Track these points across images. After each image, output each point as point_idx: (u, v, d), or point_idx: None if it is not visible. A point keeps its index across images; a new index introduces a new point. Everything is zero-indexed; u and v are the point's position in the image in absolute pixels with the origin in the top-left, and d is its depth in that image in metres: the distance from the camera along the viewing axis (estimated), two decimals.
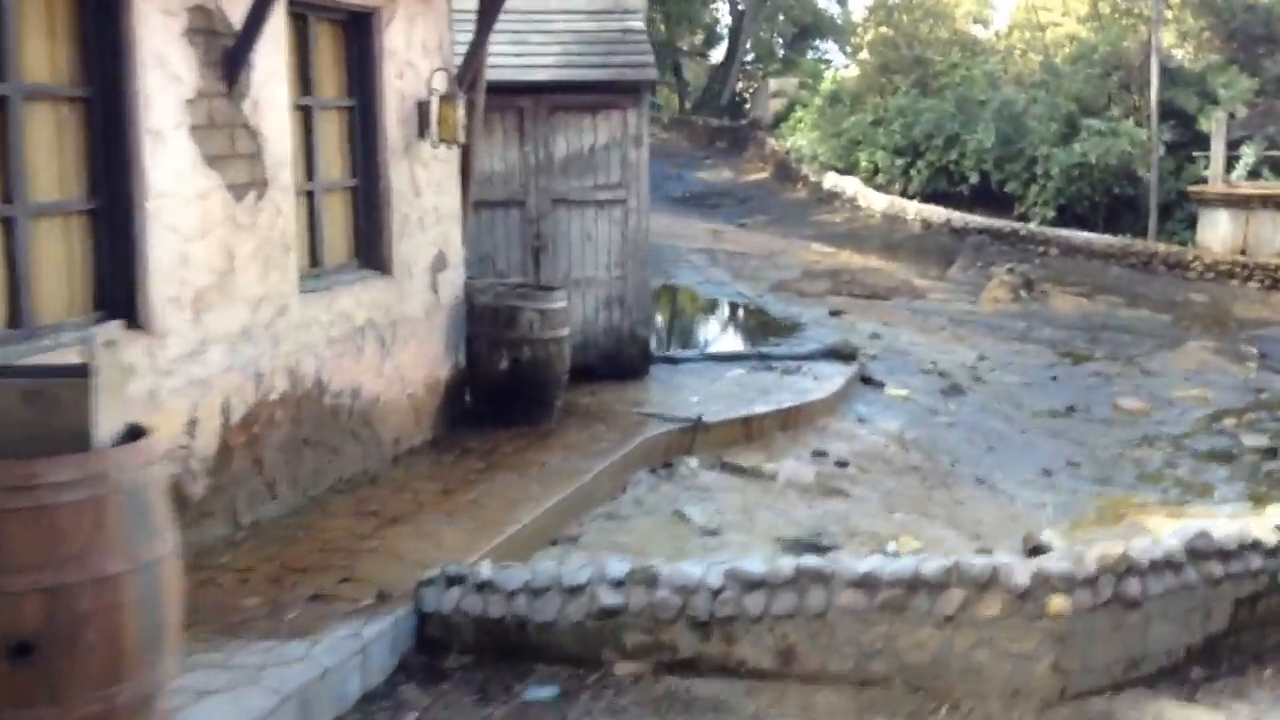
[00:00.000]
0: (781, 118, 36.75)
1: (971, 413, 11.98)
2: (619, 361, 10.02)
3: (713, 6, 47.01)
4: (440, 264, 7.98)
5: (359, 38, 7.11)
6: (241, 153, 5.88)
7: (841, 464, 8.88)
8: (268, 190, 6.09)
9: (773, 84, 38.68)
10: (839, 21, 42.57)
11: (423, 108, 7.59)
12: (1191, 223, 23.40)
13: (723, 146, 42.35)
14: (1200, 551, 5.02)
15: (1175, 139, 24.23)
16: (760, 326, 13.29)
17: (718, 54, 47.78)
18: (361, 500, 6.49)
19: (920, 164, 28.18)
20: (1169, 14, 25.97)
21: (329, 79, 7.01)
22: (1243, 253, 21.72)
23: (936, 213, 27.66)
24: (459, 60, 8.16)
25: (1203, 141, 23.61)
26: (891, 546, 7.34)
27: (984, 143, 25.78)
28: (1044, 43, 27.05)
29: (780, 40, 45.21)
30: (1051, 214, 25.11)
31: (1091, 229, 24.88)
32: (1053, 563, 4.72)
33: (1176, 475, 10.81)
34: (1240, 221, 21.71)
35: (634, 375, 10.00)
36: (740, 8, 44.58)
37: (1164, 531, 9.15)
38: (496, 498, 6.61)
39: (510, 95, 9.48)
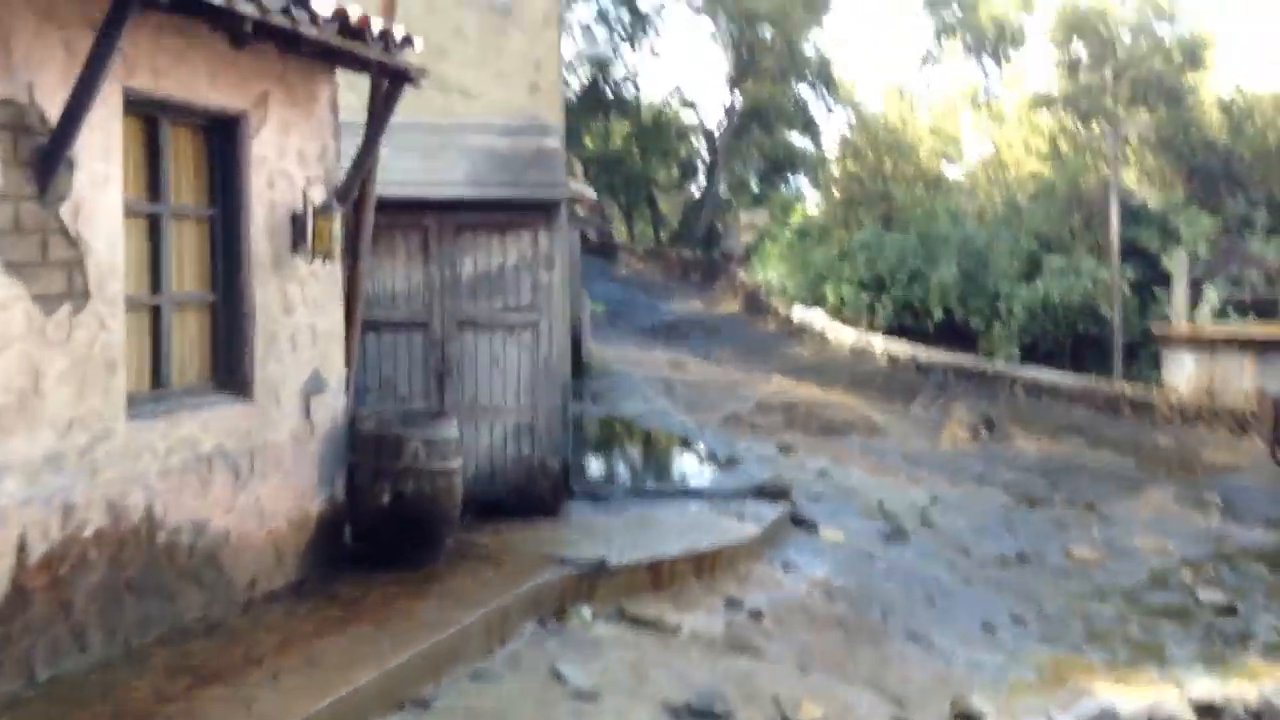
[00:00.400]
0: (753, 250, 36.66)
1: (913, 559, 11.27)
2: (530, 496, 9.34)
3: (690, 140, 47.42)
4: (316, 387, 7.35)
5: (223, 143, 6.60)
6: (55, 261, 5.29)
7: (756, 615, 8.16)
8: (89, 303, 5.49)
9: (744, 217, 38.71)
10: (811, 156, 42.86)
11: (297, 220, 7.05)
12: (1158, 362, 23.01)
13: (696, 279, 42.23)
14: None
15: (1139, 278, 23.99)
16: (699, 461, 12.62)
17: (698, 187, 48.04)
18: (186, 654, 5.73)
19: (885, 298, 27.90)
20: (1130, 153, 25.99)
21: (186, 185, 6.47)
22: (1209, 394, 21.27)
23: (903, 348, 27.30)
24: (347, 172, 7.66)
25: (1167, 279, 23.35)
26: (796, 714, 6.61)
27: (946, 279, 25.53)
28: (1006, 180, 27.00)
29: (755, 174, 45.47)
30: (1015, 352, 24.72)
31: (1059, 367, 24.48)
32: None
33: (1127, 633, 10.07)
34: (1206, 363, 21.29)
35: (546, 511, 9.32)
36: (716, 143, 45.04)
37: (1108, 696, 8.53)
38: (341, 653, 5.87)
39: (414, 212, 9.00)
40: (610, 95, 44.57)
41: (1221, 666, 9.30)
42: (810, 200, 39.94)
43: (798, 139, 44.63)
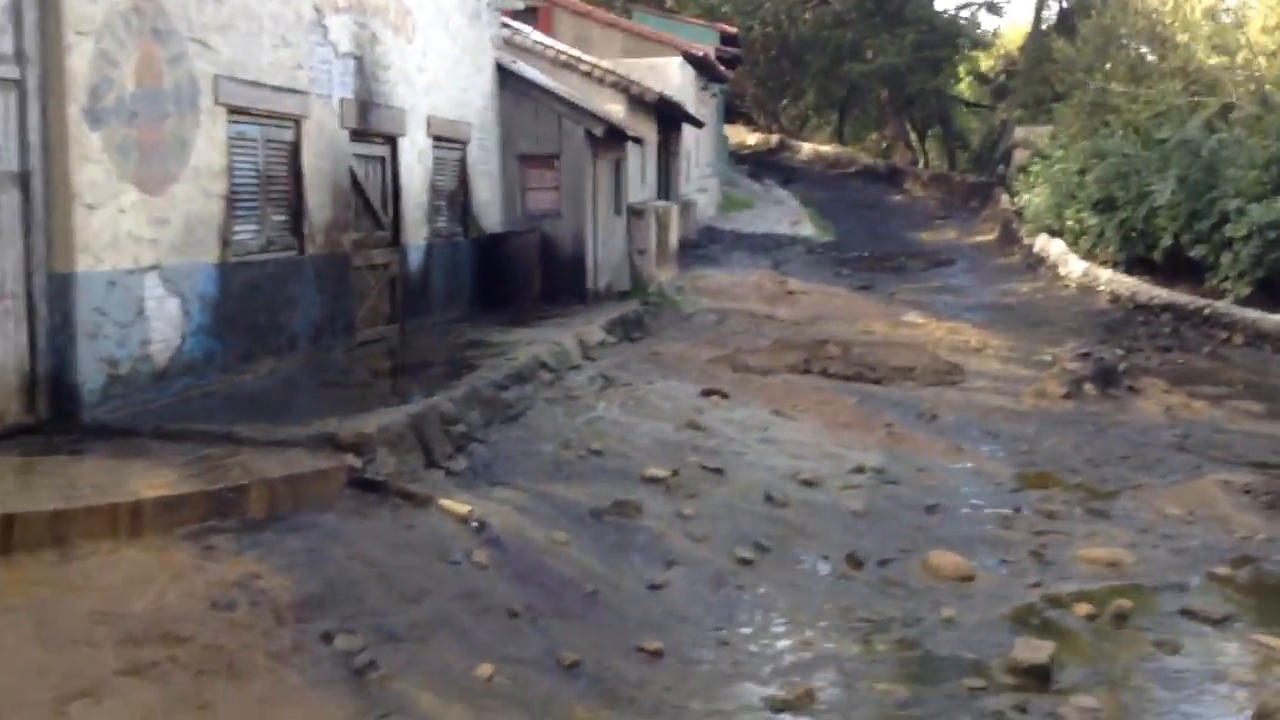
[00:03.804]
0: (1024, 170, 31.32)
1: (579, 554, 7.67)
2: None
3: (993, 50, 41.68)
4: None
5: None
6: None
7: None
8: None
9: (1018, 133, 33.14)
10: None
11: None
12: None
13: (975, 205, 37.14)
14: None
15: None
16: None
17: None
18: None
19: (1112, 222, 22.45)
20: None
21: None
22: None
23: (1126, 285, 21.94)
24: None
25: None
26: None
27: (1164, 196, 19.86)
28: (1261, 69, 20.58)
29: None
30: (1246, 290, 18.79)
31: None
32: None
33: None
34: None
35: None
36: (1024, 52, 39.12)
37: None
38: None
39: None
40: (893, 3, 39.74)
41: None
42: None
43: None
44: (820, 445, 11.33)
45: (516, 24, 19.22)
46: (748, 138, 52.68)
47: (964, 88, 42.52)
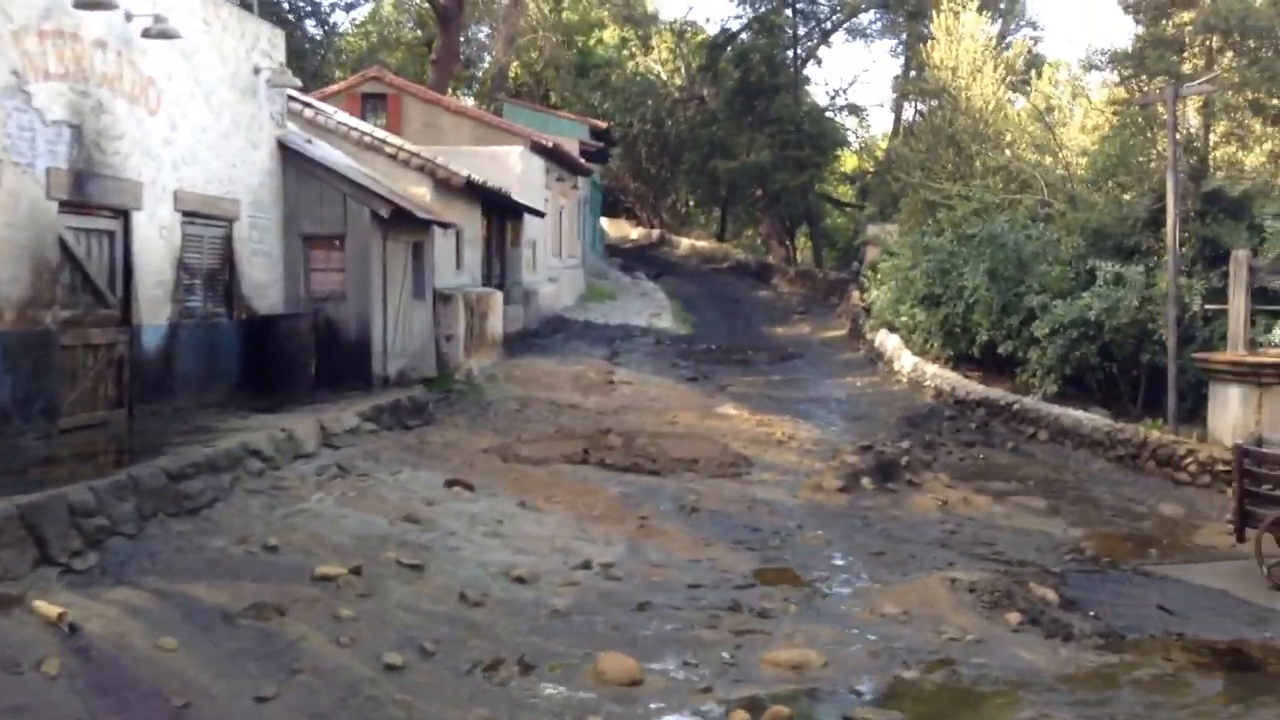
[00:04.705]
0: (874, 268, 31.57)
1: (195, 661, 7.01)
2: None
3: (859, 152, 42.37)
4: None
5: None
6: None
7: None
8: None
9: (870, 230, 33.48)
10: None
11: None
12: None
13: (834, 301, 37.36)
14: None
15: (1219, 287, 17.64)
16: None
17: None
18: None
19: (936, 318, 22.53)
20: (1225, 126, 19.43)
21: None
22: (1260, 444, 14.95)
23: (949, 380, 21.92)
24: None
25: (1258, 295, 16.98)
26: None
27: (976, 292, 19.96)
28: (1066, 166, 20.93)
29: None
30: (1053, 387, 18.84)
31: (1123, 405, 18.55)
32: None
33: None
34: (1253, 402, 15.02)
35: None
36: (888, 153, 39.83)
37: None
38: None
39: None
40: (760, 104, 40.32)
41: None
42: None
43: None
44: (558, 539, 10.84)
45: (320, 104, 18.87)
46: (631, 231, 53.00)
47: (842, 188, 43.04)
